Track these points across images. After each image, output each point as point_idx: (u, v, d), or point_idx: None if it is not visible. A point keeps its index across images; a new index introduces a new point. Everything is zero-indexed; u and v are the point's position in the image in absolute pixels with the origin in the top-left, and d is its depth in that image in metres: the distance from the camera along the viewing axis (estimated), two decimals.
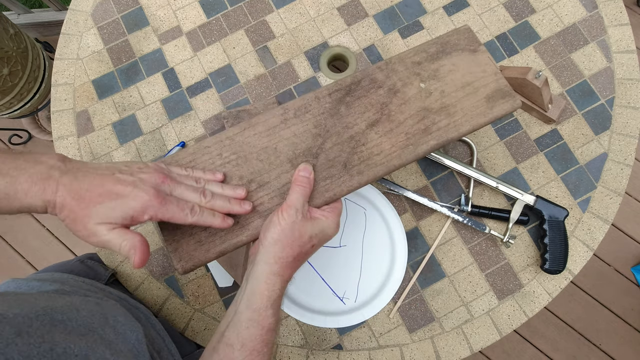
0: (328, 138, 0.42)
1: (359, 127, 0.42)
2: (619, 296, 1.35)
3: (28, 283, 0.42)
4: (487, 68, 0.45)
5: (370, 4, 0.68)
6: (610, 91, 0.63)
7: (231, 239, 0.39)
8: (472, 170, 0.59)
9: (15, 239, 1.42)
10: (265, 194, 0.40)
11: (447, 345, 0.57)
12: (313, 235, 0.38)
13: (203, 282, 0.60)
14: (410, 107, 0.43)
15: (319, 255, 0.59)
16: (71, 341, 0.29)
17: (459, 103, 0.43)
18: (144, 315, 0.49)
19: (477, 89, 0.44)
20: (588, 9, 0.66)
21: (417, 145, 0.41)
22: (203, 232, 0.39)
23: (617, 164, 0.61)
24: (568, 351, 1.32)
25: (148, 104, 0.66)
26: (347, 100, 0.44)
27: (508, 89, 0.44)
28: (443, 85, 0.44)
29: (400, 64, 0.45)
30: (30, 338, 0.27)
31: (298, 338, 0.58)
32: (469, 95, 0.44)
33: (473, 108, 0.43)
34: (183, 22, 0.69)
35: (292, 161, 0.41)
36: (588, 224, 0.60)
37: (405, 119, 0.43)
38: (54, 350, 0.27)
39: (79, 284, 0.47)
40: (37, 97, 1.31)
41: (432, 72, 0.45)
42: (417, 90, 0.44)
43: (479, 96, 0.43)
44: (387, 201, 0.59)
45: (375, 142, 0.42)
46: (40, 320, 0.29)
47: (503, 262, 0.59)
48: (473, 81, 0.44)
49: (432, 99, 0.43)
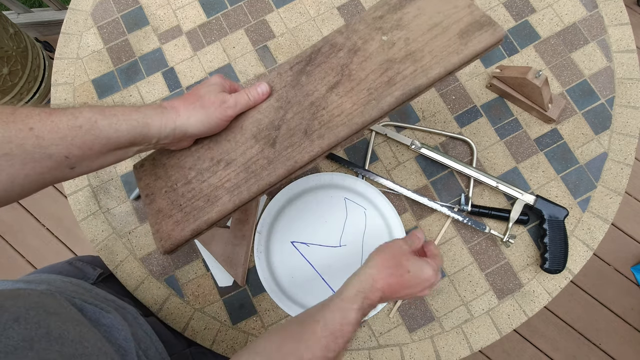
0: (289, 109, 0.43)
1: (319, 93, 0.42)
2: (618, 296, 1.35)
3: (14, 284, 0.42)
4: (458, 3, 0.40)
5: (371, 3, 0.68)
6: (610, 91, 0.63)
7: (202, 216, 0.42)
8: (472, 169, 0.59)
9: (15, 238, 1.43)
10: (232, 171, 0.42)
11: (447, 345, 0.57)
12: (411, 269, 0.41)
13: (203, 282, 0.60)
14: (372, 62, 0.41)
15: (319, 255, 0.59)
16: (65, 329, 0.30)
17: (426, 47, 0.39)
18: (131, 316, 0.49)
19: (447, 27, 0.39)
20: (588, 9, 0.66)
21: (380, 99, 0.39)
22: (179, 213, 0.42)
23: (617, 164, 0.61)
24: (568, 351, 1.32)
25: (148, 103, 0.66)
26: (307, 70, 0.43)
27: (486, 19, 0.38)
28: (408, 33, 0.41)
29: (361, 23, 0.43)
30: (27, 324, 0.28)
31: None
32: (438, 36, 0.39)
33: (443, 48, 0.39)
34: (183, 22, 0.69)
35: (256, 136, 0.43)
36: (588, 223, 0.60)
37: (366, 75, 0.41)
38: (50, 334, 0.28)
39: (65, 285, 0.47)
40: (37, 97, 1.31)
41: (394, 23, 0.41)
42: (379, 44, 0.41)
43: (450, 34, 0.39)
44: (387, 201, 0.59)
45: (335, 104, 0.41)
46: (35, 310, 0.30)
47: (503, 262, 0.59)
48: (442, 20, 0.40)
49: (395, 49, 0.40)
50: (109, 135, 0.37)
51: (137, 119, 0.38)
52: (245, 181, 0.42)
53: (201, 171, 0.43)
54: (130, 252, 0.61)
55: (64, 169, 0.36)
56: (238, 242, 0.58)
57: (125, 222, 0.62)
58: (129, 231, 0.61)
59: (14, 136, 0.33)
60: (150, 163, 0.47)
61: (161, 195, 0.44)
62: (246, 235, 0.58)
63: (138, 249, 0.61)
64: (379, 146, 0.63)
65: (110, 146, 0.38)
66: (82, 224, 0.62)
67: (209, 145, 0.44)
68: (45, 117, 0.34)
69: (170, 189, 0.44)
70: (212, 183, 0.43)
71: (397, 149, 0.62)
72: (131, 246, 0.61)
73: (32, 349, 0.26)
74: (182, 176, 0.44)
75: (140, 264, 0.61)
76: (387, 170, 0.62)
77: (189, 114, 0.41)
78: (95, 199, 0.63)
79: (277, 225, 0.60)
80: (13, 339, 0.25)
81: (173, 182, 0.44)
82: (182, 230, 0.41)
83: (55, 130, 0.34)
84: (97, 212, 0.62)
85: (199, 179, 0.43)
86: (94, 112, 0.37)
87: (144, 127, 0.39)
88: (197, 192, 0.43)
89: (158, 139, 0.40)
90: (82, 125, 0.36)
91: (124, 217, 0.62)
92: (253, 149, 0.43)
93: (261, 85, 0.45)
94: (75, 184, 0.63)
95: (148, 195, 0.45)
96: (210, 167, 0.43)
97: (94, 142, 0.36)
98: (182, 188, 0.44)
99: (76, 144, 0.35)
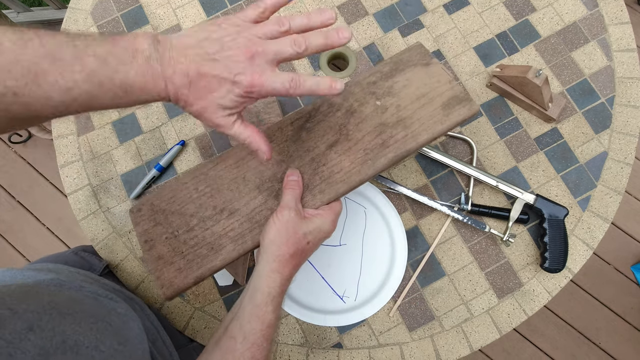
0: (291, 163, 0.44)
1: (319, 149, 0.44)
2: (618, 295, 1.35)
3: (23, 273, 0.43)
4: (441, 78, 0.45)
5: (371, 3, 0.68)
6: (610, 90, 0.63)
7: (206, 264, 0.42)
8: (472, 169, 0.59)
9: (16, 237, 1.43)
10: (236, 220, 0.43)
11: (446, 344, 0.57)
12: (307, 233, 0.40)
13: (203, 281, 0.60)
14: (367, 124, 0.44)
15: (319, 254, 0.59)
16: (81, 333, 0.30)
17: (415, 114, 0.44)
18: (139, 307, 0.49)
19: (432, 99, 0.44)
20: (588, 8, 0.66)
21: (375, 160, 0.43)
22: (182, 260, 0.43)
23: (617, 163, 0.61)
24: (568, 350, 1.33)
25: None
26: (307, 126, 0.46)
27: (464, 94, 0.44)
28: (398, 100, 0.45)
29: (356, 86, 0.47)
30: (42, 332, 0.27)
31: (298, 336, 0.58)
32: (424, 106, 0.44)
33: (429, 117, 0.44)
34: (183, 21, 0.69)
35: (259, 187, 0.44)
36: (588, 222, 0.60)
37: (363, 136, 0.44)
38: (66, 343, 0.28)
39: (73, 275, 0.47)
40: None
41: (386, 90, 0.46)
42: (373, 108, 0.45)
43: (435, 105, 0.44)
44: (387, 200, 0.59)
45: (335, 162, 0.44)
46: (48, 314, 0.30)
47: (503, 261, 0.59)
48: (428, 92, 0.45)
49: (388, 114, 0.44)
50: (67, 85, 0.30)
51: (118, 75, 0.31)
52: (250, 231, 0.43)
53: (204, 219, 0.44)
54: (130, 251, 0.61)
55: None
56: None
57: (125, 221, 0.62)
58: (129, 230, 0.61)
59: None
60: (149, 208, 0.46)
61: (161, 242, 0.44)
62: None
63: (138, 248, 0.61)
64: None
65: None
66: (82, 223, 0.62)
67: (210, 194, 0.45)
68: None
69: (171, 235, 0.44)
70: (216, 231, 0.43)
71: None
72: (131, 245, 0.61)
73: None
74: (183, 223, 0.44)
75: (140, 263, 0.61)
76: (387, 169, 0.62)
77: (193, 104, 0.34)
78: (95, 198, 0.63)
79: None
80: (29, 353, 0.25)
81: (174, 229, 0.44)
82: (185, 277, 0.42)
83: None
84: (97, 211, 0.62)
85: (202, 226, 0.44)
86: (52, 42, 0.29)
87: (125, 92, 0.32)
88: (200, 239, 0.43)
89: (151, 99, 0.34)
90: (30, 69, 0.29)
91: (124, 216, 0.62)
92: (256, 200, 0.44)
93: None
94: (76, 183, 0.63)
95: (147, 241, 0.44)
96: (213, 215, 0.44)
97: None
98: (183, 235, 0.44)
99: None
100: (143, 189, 0.62)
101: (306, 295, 0.58)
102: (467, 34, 0.66)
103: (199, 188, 0.45)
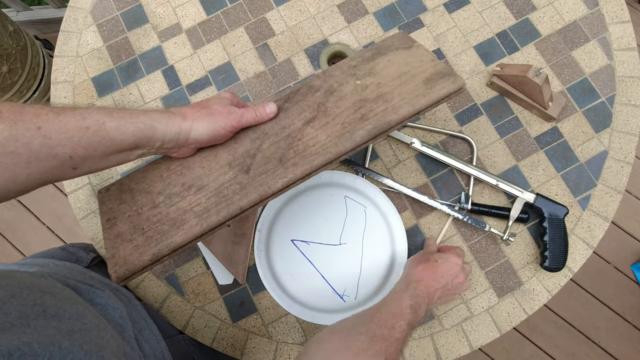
0: (266, 140, 0.44)
1: (296, 126, 0.44)
2: (618, 294, 1.35)
3: (6, 266, 0.43)
4: (423, 58, 0.44)
5: (371, 1, 0.68)
6: (610, 89, 0.63)
7: (165, 239, 0.39)
8: (472, 168, 0.59)
9: (16, 236, 1.43)
10: (203, 195, 0.42)
11: (446, 343, 0.57)
12: (438, 260, 0.49)
13: (203, 280, 0.60)
14: (347, 101, 0.43)
15: (319, 253, 0.59)
16: (62, 307, 0.30)
17: (396, 90, 0.42)
18: (125, 298, 0.49)
19: (414, 76, 0.43)
20: (589, 6, 0.66)
21: (353, 132, 0.41)
22: (141, 237, 0.40)
23: (618, 162, 0.61)
24: (567, 348, 1.33)
25: (148, 101, 0.66)
26: (285, 107, 0.45)
27: (447, 70, 0.42)
28: (379, 79, 0.44)
29: (336, 69, 0.46)
30: (23, 300, 0.28)
31: (298, 335, 0.58)
32: (406, 82, 0.43)
33: (411, 92, 0.42)
34: (183, 20, 0.69)
35: (231, 164, 0.43)
36: (588, 221, 0.60)
37: (341, 112, 0.43)
38: (47, 312, 0.28)
39: (59, 268, 0.47)
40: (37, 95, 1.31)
41: (367, 71, 0.45)
42: (353, 87, 0.44)
43: (417, 81, 0.42)
44: (387, 199, 0.59)
45: (311, 136, 0.42)
46: (29, 289, 0.30)
47: (503, 260, 0.59)
48: (409, 70, 0.43)
49: (368, 91, 0.43)
50: (115, 137, 0.37)
51: (144, 121, 0.38)
52: (216, 205, 0.41)
53: (170, 196, 0.42)
54: None
55: (66, 169, 0.36)
56: (238, 240, 0.58)
57: None
58: None
59: (21, 135, 0.32)
60: (117, 188, 0.45)
61: (123, 220, 0.42)
62: (246, 234, 0.58)
63: None
64: (379, 144, 0.63)
65: (115, 148, 0.38)
66: (83, 222, 0.62)
67: (181, 171, 0.44)
68: (53, 117, 0.34)
69: (134, 213, 0.42)
70: (181, 207, 0.41)
71: (397, 147, 0.62)
72: None
73: (29, 325, 0.25)
74: (149, 200, 0.42)
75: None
76: (387, 168, 0.62)
77: (194, 119, 0.41)
78: (95, 198, 0.63)
79: (278, 224, 0.60)
80: (10, 315, 0.25)
81: (139, 207, 0.42)
82: (141, 255, 0.39)
83: (63, 131, 0.34)
84: (97, 210, 0.62)
85: (167, 203, 0.42)
86: (102, 114, 0.37)
87: (150, 130, 0.39)
88: (163, 216, 0.41)
89: (162, 143, 0.40)
90: (90, 126, 0.36)
91: None
92: (226, 175, 0.42)
93: (269, 105, 0.45)
94: (76, 182, 0.63)
95: (109, 219, 0.42)
96: (180, 192, 0.42)
97: (100, 144, 0.36)
98: (147, 212, 0.42)
99: (82, 145, 0.35)
100: None
101: (306, 294, 0.58)
102: (468, 32, 0.66)
103: (171, 167, 0.44)
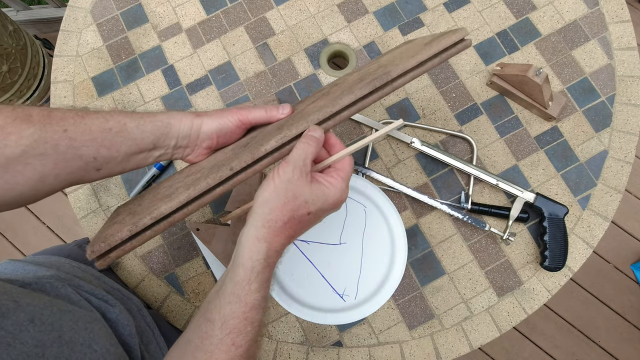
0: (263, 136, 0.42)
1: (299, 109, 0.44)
2: (618, 293, 1.36)
3: (25, 267, 0.44)
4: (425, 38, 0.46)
5: (371, 1, 0.68)
6: (611, 88, 0.63)
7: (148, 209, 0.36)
8: (472, 167, 0.59)
9: (16, 236, 1.43)
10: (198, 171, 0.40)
11: (446, 342, 0.57)
12: (309, 200, 0.33)
13: (203, 279, 0.60)
14: (350, 82, 0.43)
15: (319, 252, 0.59)
16: (77, 331, 0.32)
17: (396, 60, 0.41)
18: (135, 307, 0.49)
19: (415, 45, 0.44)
20: (589, 6, 0.66)
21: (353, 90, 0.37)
22: (128, 217, 0.38)
23: (618, 162, 0.61)
24: (567, 348, 1.33)
25: (148, 101, 0.66)
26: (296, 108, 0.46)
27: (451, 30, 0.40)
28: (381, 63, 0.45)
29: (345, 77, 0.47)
30: (42, 326, 0.29)
31: (298, 335, 0.58)
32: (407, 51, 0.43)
33: (413, 54, 0.39)
34: (182, 19, 0.68)
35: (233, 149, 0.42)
36: (588, 221, 0.60)
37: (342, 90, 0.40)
38: (62, 338, 0.30)
39: (74, 270, 0.48)
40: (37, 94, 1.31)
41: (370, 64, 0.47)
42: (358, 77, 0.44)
43: (417, 47, 0.41)
44: (387, 198, 0.59)
45: (311, 107, 0.41)
46: (49, 309, 0.31)
47: (503, 260, 0.59)
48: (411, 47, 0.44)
49: (370, 69, 0.44)
50: (135, 136, 0.38)
51: (161, 119, 0.40)
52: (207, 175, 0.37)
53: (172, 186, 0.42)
54: None
55: (90, 170, 0.37)
56: None
57: None
58: None
59: (50, 137, 0.34)
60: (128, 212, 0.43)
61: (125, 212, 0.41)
62: None
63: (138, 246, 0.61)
64: (379, 144, 0.63)
65: (135, 148, 0.39)
66: (83, 221, 0.62)
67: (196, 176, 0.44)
68: (79, 120, 0.36)
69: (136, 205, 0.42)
70: (173, 185, 0.41)
71: (397, 146, 0.62)
72: None
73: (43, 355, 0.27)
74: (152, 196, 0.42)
75: (140, 261, 0.61)
76: (387, 168, 0.62)
77: (206, 116, 0.42)
78: (95, 197, 0.63)
79: None
80: (27, 345, 0.27)
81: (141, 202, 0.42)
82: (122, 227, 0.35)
83: (88, 132, 0.36)
84: (97, 209, 0.62)
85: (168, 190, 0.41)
86: (123, 116, 0.39)
87: (166, 127, 0.40)
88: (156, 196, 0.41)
89: (177, 140, 0.41)
90: (112, 127, 0.37)
91: None
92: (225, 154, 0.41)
93: (284, 106, 0.44)
94: None
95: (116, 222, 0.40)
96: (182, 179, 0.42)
97: (122, 144, 0.38)
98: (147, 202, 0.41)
99: (105, 145, 0.37)
100: (143, 188, 0.62)
101: (306, 293, 0.58)
102: (468, 32, 0.66)
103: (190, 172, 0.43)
